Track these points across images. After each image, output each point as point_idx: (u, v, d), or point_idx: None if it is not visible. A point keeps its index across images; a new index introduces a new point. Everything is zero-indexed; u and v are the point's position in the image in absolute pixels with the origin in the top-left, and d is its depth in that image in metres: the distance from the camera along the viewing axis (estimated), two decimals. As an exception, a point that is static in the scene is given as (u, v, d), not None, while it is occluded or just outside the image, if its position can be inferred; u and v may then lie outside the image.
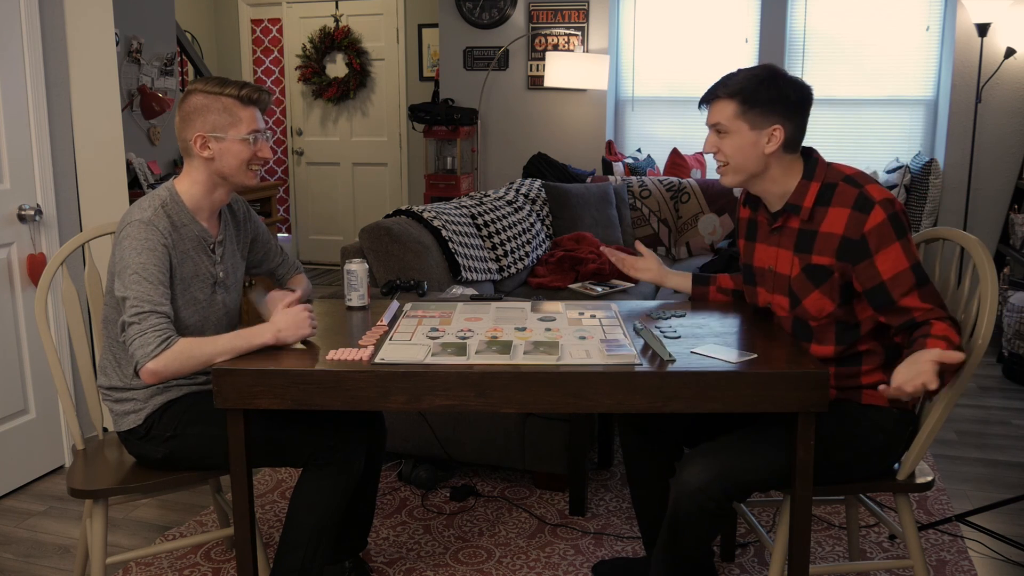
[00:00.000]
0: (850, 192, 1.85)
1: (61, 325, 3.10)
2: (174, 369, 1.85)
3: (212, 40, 7.23)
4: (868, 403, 1.93)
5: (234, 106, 1.99)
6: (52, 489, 3.01)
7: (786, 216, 1.94)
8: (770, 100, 1.86)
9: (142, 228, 1.92)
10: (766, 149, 1.88)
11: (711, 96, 1.93)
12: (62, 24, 3.13)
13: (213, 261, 2.08)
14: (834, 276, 1.87)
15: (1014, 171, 4.82)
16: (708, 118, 1.95)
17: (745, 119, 1.88)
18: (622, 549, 2.57)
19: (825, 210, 1.88)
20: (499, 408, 1.75)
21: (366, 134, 6.91)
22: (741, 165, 1.91)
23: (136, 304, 1.86)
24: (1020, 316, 3.99)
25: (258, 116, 2.03)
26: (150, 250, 1.91)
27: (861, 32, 5.07)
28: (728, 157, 1.92)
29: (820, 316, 1.91)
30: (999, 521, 2.69)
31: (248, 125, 2.00)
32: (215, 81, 2.00)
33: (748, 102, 1.87)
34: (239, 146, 1.99)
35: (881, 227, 1.80)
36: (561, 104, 5.59)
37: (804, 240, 1.91)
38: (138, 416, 2.03)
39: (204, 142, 1.98)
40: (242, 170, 2.02)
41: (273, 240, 2.35)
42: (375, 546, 2.60)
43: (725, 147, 1.91)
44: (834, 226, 1.85)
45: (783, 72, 1.90)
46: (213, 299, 2.08)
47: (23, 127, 2.98)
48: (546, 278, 3.88)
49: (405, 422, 2.94)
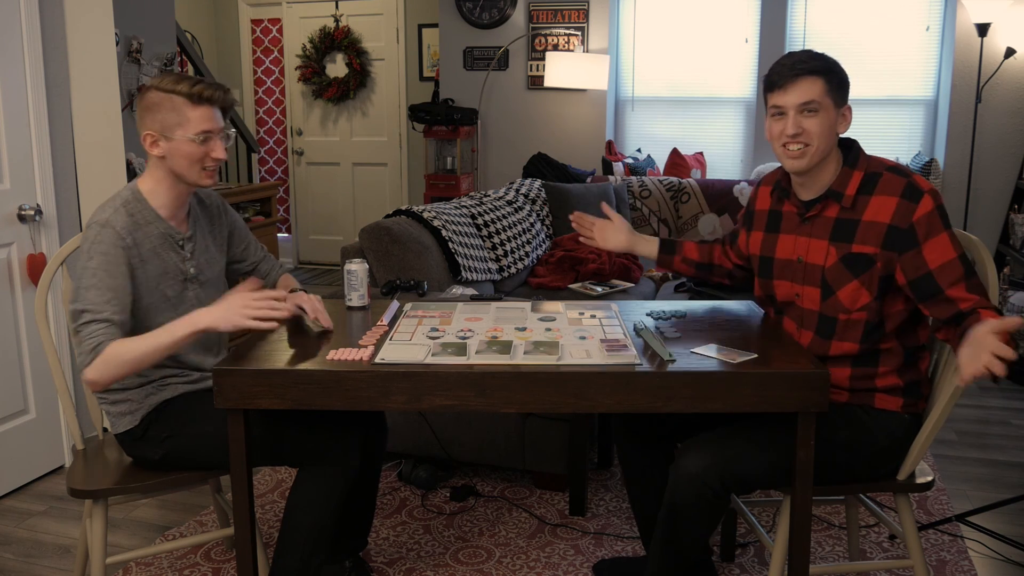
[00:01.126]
0: (898, 181, 1.82)
1: (61, 325, 3.10)
2: (110, 375, 1.83)
3: (212, 40, 7.23)
4: (881, 407, 1.92)
5: (183, 105, 1.94)
6: (52, 489, 3.01)
7: (824, 204, 1.89)
8: (844, 79, 1.84)
9: (96, 231, 1.92)
10: (840, 130, 1.85)
11: (800, 71, 1.81)
12: (62, 24, 3.13)
13: (182, 257, 2.06)
14: (876, 266, 1.82)
15: (1014, 171, 4.82)
16: (791, 97, 1.82)
17: (832, 97, 1.83)
18: (622, 549, 2.57)
19: (868, 199, 1.83)
20: (499, 408, 1.75)
21: (366, 134, 6.91)
22: (823, 147, 1.83)
23: (79, 314, 1.86)
24: (1020, 316, 4.00)
25: (214, 115, 1.97)
26: (101, 254, 1.89)
27: (861, 32, 5.07)
28: (814, 137, 1.82)
29: (853, 308, 1.86)
30: (999, 521, 2.69)
31: (197, 125, 1.95)
32: (171, 78, 1.96)
33: (835, 80, 1.83)
34: (188, 146, 1.95)
35: (930, 216, 1.78)
36: (561, 104, 5.59)
37: (843, 229, 1.86)
38: (134, 417, 2.03)
39: (154, 140, 1.97)
40: (194, 170, 1.98)
41: (252, 235, 2.34)
42: (375, 546, 2.60)
43: (812, 127, 1.81)
44: (880, 214, 1.81)
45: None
46: (184, 295, 2.06)
47: (23, 127, 2.98)
48: (546, 278, 3.88)
49: (405, 422, 2.94)
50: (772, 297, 2.04)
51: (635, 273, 3.99)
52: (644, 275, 4.09)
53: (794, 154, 1.85)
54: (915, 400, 1.93)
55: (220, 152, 1.99)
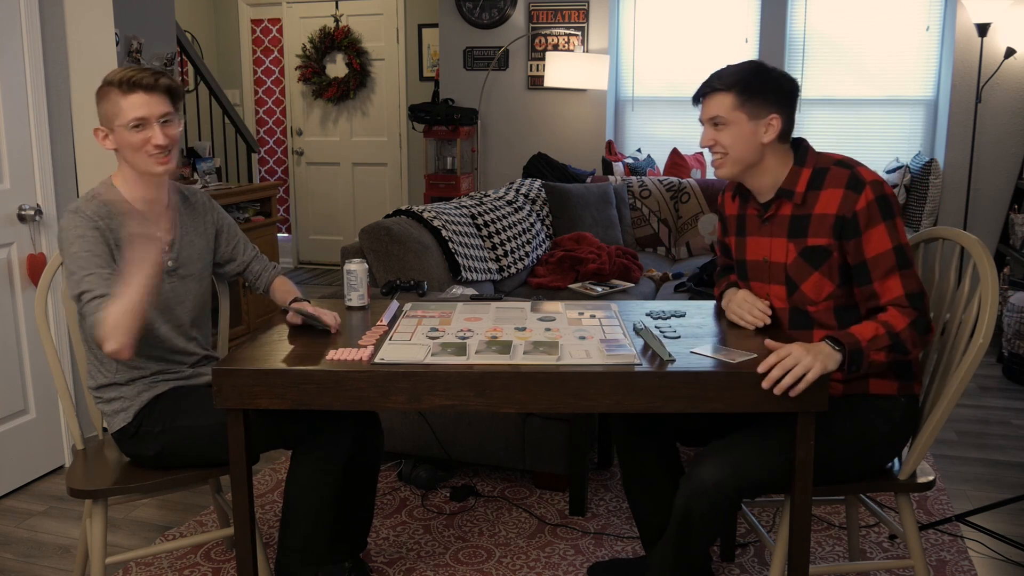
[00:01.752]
0: (842, 173, 1.89)
1: (61, 325, 3.10)
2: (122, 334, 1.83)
3: (212, 40, 7.23)
4: (876, 392, 1.94)
5: (115, 95, 1.96)
6: (52, 489, 3.01)
7: (778, 204, 1.96)
8: (765, 90, 1.90)
9: (69, 218, 1.95)
10: (764, 139, 1.91)
11: (707, 90, 1.96)
12: (62, 24, 3.13)
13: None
14: (833, 256, 1.89)
15: (1014, 171, 4.82)
16: (704, 113, 1.97)
17: (743, 110, 1.90)
18: (622, 549, 2.57)
19: (818, 193, 1.91)
20: (499, 408, 1.75)
21: (366, 134, 6.91)
22: (740, 156, 1.93)
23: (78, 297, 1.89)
24: (1020, 316, 3.99)
25: (148, 101, 1.96)
26: (79, 237, 1.92)
27: (861, 32, 5.07)
28: (727, 148, 1.93)
29: (819, 299, 1.92)
30: (999, 521, 2.69)
31: (129, 113, 1.95)
32: (115, 70, 1.99)
33: (745, 93, 1.90)
34: (127, 134, 1.97)
35: (870, 207, 1.84)
36: (561, 104, 5.59)
37: (798, 225, 1.93)
38: (127, 414, 2.04)
39: (104, 135, 2.00)
40: (140, 158, 1.99)
41: (243, 234, 2.34)
42: (375, 546, 2.60)
43: (723, 139, 1.93)
44: (828, 207, 1.88)
45: (769, 65, 1.96)
46: (161, 287, 2.06)
47: (23, 127, 2.98)
48: (546, 278, 3.88)
49: (405, 422, 2.94)
50: None
51: (635, 273, 3.99)
52: (644, 275, 4.09)
53: (715, 162, 1.99)
54: (909, 382, 1.95)
55: (159, 138, 1.98)
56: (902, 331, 1.81)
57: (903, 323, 1.81)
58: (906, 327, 1.81)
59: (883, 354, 1.80)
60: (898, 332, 1.80)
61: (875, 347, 1.79)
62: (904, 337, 1.81)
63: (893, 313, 1.83)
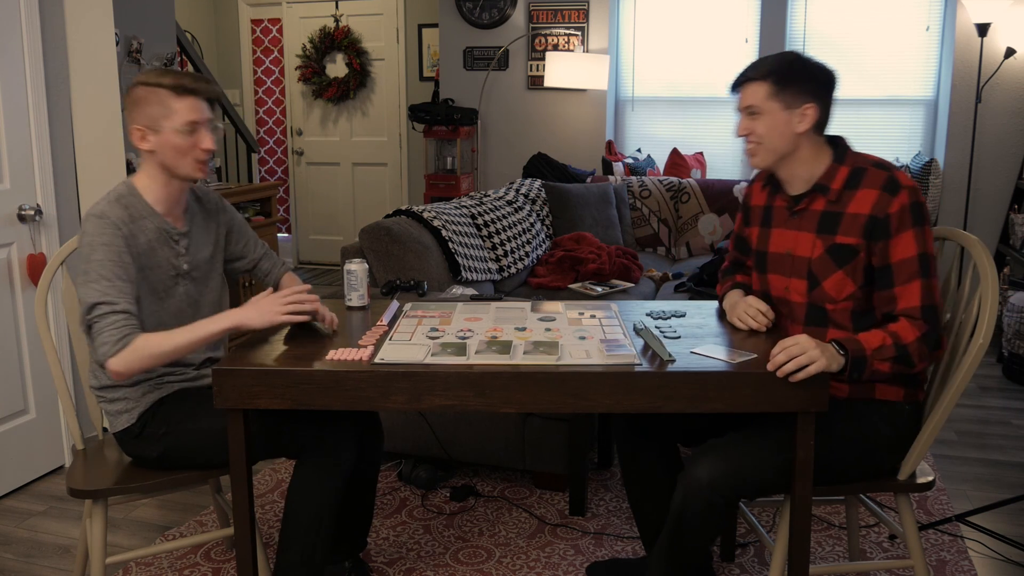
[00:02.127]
0: (880, 175, 1.88)
1: (61, 325, 3.10)
2: (136, 366, 1.85)
3: (212, 40, 7.23)
4: (882, 398, 1.93)
5: (168, 97, 1.96)
6: (52, 489, 3.01)
7: (811, 198, 1.95)
8: (801, 79, 1.89)
9: (95, 223, 1.93)
10: (798, 128, 1.90)
11: (742, 79, 1.95)
12: (62, 24, 3.13)
13: (177, 253, 2.07)
14: (859, 256, 1.88)
15: (1014, 171, 4.82)
16: (740, 102, 1.96)
17: (778, 99, 1.90)
18: (622, 549, 2.57)
19: (853, 193, 1.89)
20: (499, 408, 1.75)
21: (366, 134, 6.91)
22: (773, 145, 1.92)
23: (95, 307, 1.86)
24: (1020, 316, 3.99)
25: (198, 106, 1.98)
26: (105, 245, 1.90)
27: (861, 32, 5.07)
28: (761, 137, 1.92)
29: (839, 298, 1.91)
30: (999, 521, 2.69)
31: (183, 116, 1.96)
32: (156, 72, 2.00)
33: (781, 82, 1.89)
34: (176, 137, 1.97)
35: (903, 211, 1.83)
36: (561, 104, 5.59)
37: (828, 221, 1.92)
38: (131, 415, 2.03)
39: (143, 135, 1.98)
40: (185, 162, 2.00)
41: (253, 232, 2.34)
42: (375, 546, 2.60)
43: (758, 128, 1.92)
44: (862, 206, 1.87)
45: (807, 56, 1.94)
46: (173, 290, 2.07)
47: (23, 127, 2.98)
48: (546, 278, 3.88)
49: (405, 422, 2.94)
50: (767, 294, 2.07)
51: (635, 273, 3.99)
52: (644, 275, 4.09)
53: (747, 151, 1.99)
54: (915, 389, 1.95)
55: (208, 143, 2.00)
56: (910, 344, 1.80)
57: (912, 335, 1.80)
58: (915, 340, 1.80)
59: (887, 364, 1.80)
60: (905, 344, 1.79)
61: (879, 357, 1.79)
62: (912, 350, 1.80)
63: (904, 324, 1.82)
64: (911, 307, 1.82)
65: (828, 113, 1.94)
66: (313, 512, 2.03)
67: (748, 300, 2.03)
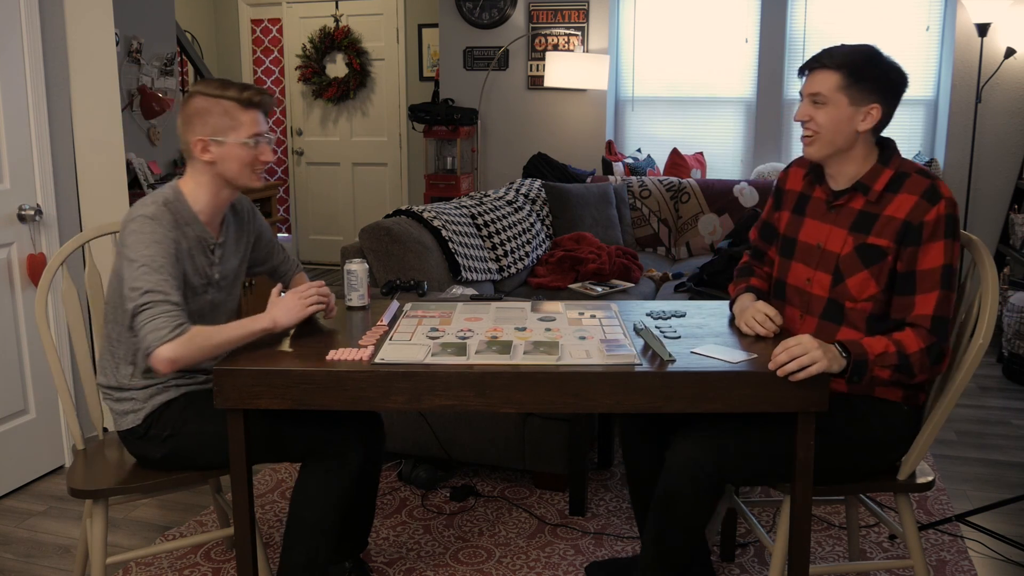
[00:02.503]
0: (922, 182, 1.87)
1: (61, 325, 3.10)
2: (188, 357, 1.84)
3: (212, 40, 7.23)
4: (881, 397, 1.93)
5: (235, 109, 1.98)
6: (52, 489, 3.01)
7: (851, 195, 1.94)
8: (874, 78, 1.87)
9: (147, 223, 1.92)
10: (860, 127, 1.88)
11: (815, 64, 1.91)
12: (62, 24, 3.13)
13: (211, 262, 2.08)
14: (887, 259, 1.87)
15: (1014, 171, 4.82)
16: (806, 87, 1.92)
17: (847, 93, 1.87)
18: (622, 549, 2.57)
19: (893, 196, 1.88)
20: (499, 408, 1.75)
21: (366, 134, 6.91)
22: (831, 138, 1.90)
23: (147, 294, 1.86)
24: (1020, 316, 3.99)
25: (260, 119, 2.02)
26: (157, 243, 1.91)
27: (861, 32, 5.07)
28: (820, 127, 1.90)
29: (860, 298, 1.90)
30: (999, 521, 2.69)
31: (249, 129, 1.99)
32: (216, 83, 1.99)
33: (853, 76, 1.86)
34: (240, 150, 1.99)
35: (938, 221, 1.82)
36: (561, 104, 5.59)
37: (863, 220, 1.91)
38: (137, 416, 2.03)
39: (205, 146, 1.98)
40: (245, 173, 2.02)
41: (276, 239, 2.36)
42: (375, 546, 2.60)
43: (820, 117, 1.89)
44: (899, 210, 1.86)
45: (884, 54, 1.91)
46: (201, 297, 2.08)
47: (23, 127, 2.98)
48: (546, 278, 3.88)
49: (405, 422, 2.94)
50: (784, 281, 2.06)
51: (635, 273, 3.99)
52: (644, 275, 4.09)
53: (804, 140, 1.95)
54: (915, 392, 1.95)
55: (269, 155, 2.04)
56: (913, 354, 1.80)
57: (916, 346, 1.80)
58: (918, 351, 1.80)
59: (888, 372, 1.80)
60: (908, 354, 1.79)
61: (881, 363, 1.79)
62: (914, 360, 1.80)
63: (909, 333, 1.81)
64: (923, 315, 1.82)
65: (891, 116, 1.92)
66: (318, 514, 2.03)
67: (757, 306, 2.00)
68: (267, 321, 1.93)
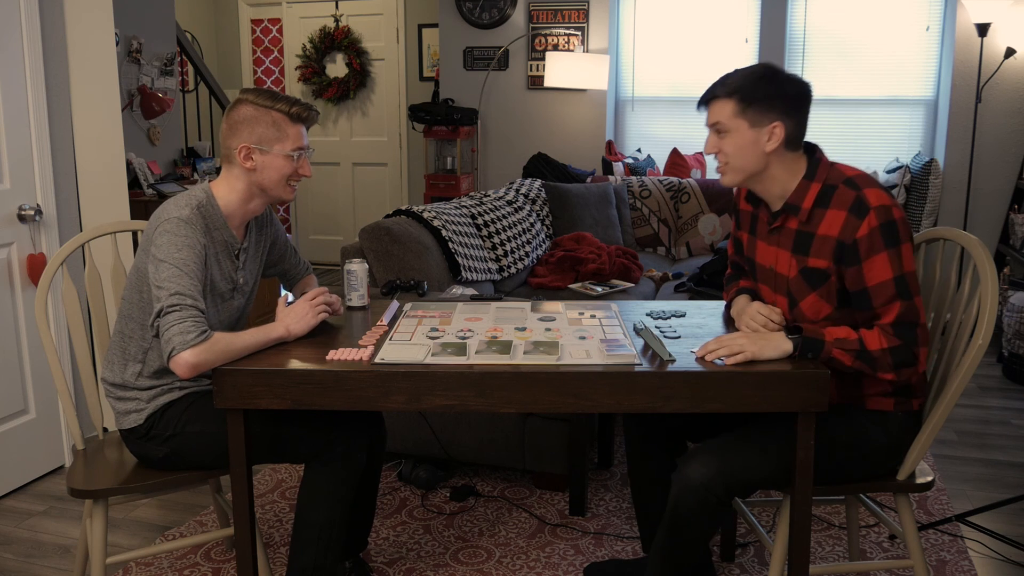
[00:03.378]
0: (848, 195, 1.83)
1: (61, 325, 3.10)
2: (209, 363, 1.84)
3: (212, 40, 7.23)
4: (873, 408, 1.93)
5: (283, 122, 2.00)
6: (52, 489, 3.01)
7: (785, 216, 1.93)
8: (768, 96, 1.85)
9: (181, 225, 1.93)
10: (766, 147, 1.86)
11: (709, 96, 1.91)
12: (62, 24, 3.13)
13: (236, 267, 2.10)
14: (831, 280, 1.86)
15: (1014, 171, 4.82)
16: (708, 119, 1.93)
17: (744, 117, 1.86)
18: (622, 549, 2.57)
19: (824, 212, 1.86)
20: (499, 408, 1.75)
21: (366, 134, 6.91)
22: (741, 164, 1.89)
23: (175, 296, 1.86)
24: (1020, 316, 4.00)
25: (304, 134, 2.04)
26: (189, 247, 1.92)
27: (861, 32, 5.07)
28: (728, 156, 1.89)
29: (816, 319, 1.90)
30: (999, 521, 2.69)
31: (295, 142, 2.01)
32: (267, 94, 2.01)
33: (746, 100, 1.85)
34: (282, 161, 2.01)
35: (872, 235, 1.78)
36: (561, 104, 5.59)
37: (801, 241, 1.90)
38: (139, 416, 2.03)
39: (248, 153, 1.99)
40: (282, 185, 2.04)
41: (289, 241, 2.37)
42: (375, 546, 2.60)
43: (725, 146, 1.89)
44: (831, 228, 1.84)
45: (780, 69, 1.89)
46: (229, 304, 2.10)
47: (23, 127, 2.98)
48: (546, 278, 3.88)
49: (405, 422, 2.94)
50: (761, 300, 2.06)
51: (635, 273, 3.99)
52: (644, 275, 4.09)
53: (720, 169, 1.95)
54: (907, 398, 1.94)
55: (308, 169, 2.06)
56: (874, 351, 1.78)
57: (878, 344, 1.78)
58: (879, 350, 1.78)
59: (849, 357, 1.78)
60: (869, 350, 1.78)
61: (840, 346, 1.78)
62: (876, 356, 1.78)
63: (874, 332, 1.80)
64: (886, 323, 1.80)
65: (801, 129, 1.89)
66: (325, 515, 2.04)
67: (754, 306, 1.98)
68: (281, 329, 1.94)
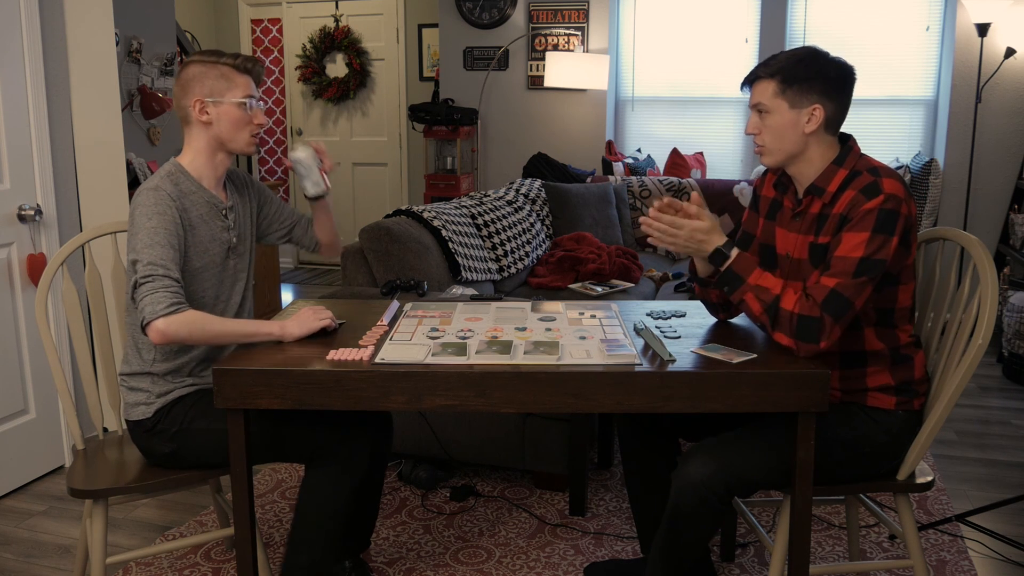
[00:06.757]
0: (866, 179, 1.84)
1: (61, 325, 3.10)
2: (182, 334, 1.87)
3: (212, 40, 7.23)
4: (873, 405, 1.93)
5: (231, 73, 2.06)
6: (52, 489, 3.01)
7: (809, 200, 1.93)
8: (808, 78, 1.86)
9: (149, 195, 1.97)
10: (806, 129, 1.87)
11: (752, 77, 1.93)
12: (62, 24, 3.13)
13: (226, 226, 2.12)
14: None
15: (1014, 171, 4.82)
16: (750, 99, 1.94)
17: (784, 98, 1.87)
18: (622, 549, 2.57)
19: (841, 195, 1.87)
20: (499, 408, 1.75)
21: (366, 134, 6.91)
22: (781, 145, 1.90)
23: (148, 266, 1.89)
24: (1020, 316, 3.99)
25: (252, 84, 2.10)
26: (160, 214, 1.95)
27: (861, 32, 5.08)
28: (767, 137, 1.90)
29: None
30: (999, 521, 2.69)
31: (244, 90, 2.06)
32: (212, 52, 2.08)
33: (787, 80, 1.86)
34: (236, 110, 2.06)
35: (868, 213, 1.78)
36: (561, 104, 5.59)
37: (819, 223, 1.90)
38: (148, 408, 2.04)
39: (203, 107, 2.04)
40: (241, 136, 2.08)
41: (280, 199, 2.39)
42: (375, 546, 2.60)
43: (765, 127, 1.90)
44: (841, 207, 1.84)
45: (824, 52, 1.90)
46: (226, 264, 2.13)
47: (23, 127, 2.98)
48: (546, 278, 3.88)
49: (405, 422, 2.94)
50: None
51: (635, 273, 3.99)
52: (644, 275, 4.09)
53: (759, 150, 1.97)
54: (909, 398, 1.94)
55: (262, 118, 2.12)
56: (783, 309, 1.79)
57: (791, 305, 1.78)
58: (789, 311, 1.78)
59: (759, 306, 1.82)
60: (780, 307, 1.79)
61: (756, 292, 1.82)
62: (782, 316, 1.79)
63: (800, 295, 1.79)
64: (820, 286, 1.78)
65: (842, 112, 1.90)
66: (324, 515, 2.04)
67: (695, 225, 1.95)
68: (276, 327, 1.95)
